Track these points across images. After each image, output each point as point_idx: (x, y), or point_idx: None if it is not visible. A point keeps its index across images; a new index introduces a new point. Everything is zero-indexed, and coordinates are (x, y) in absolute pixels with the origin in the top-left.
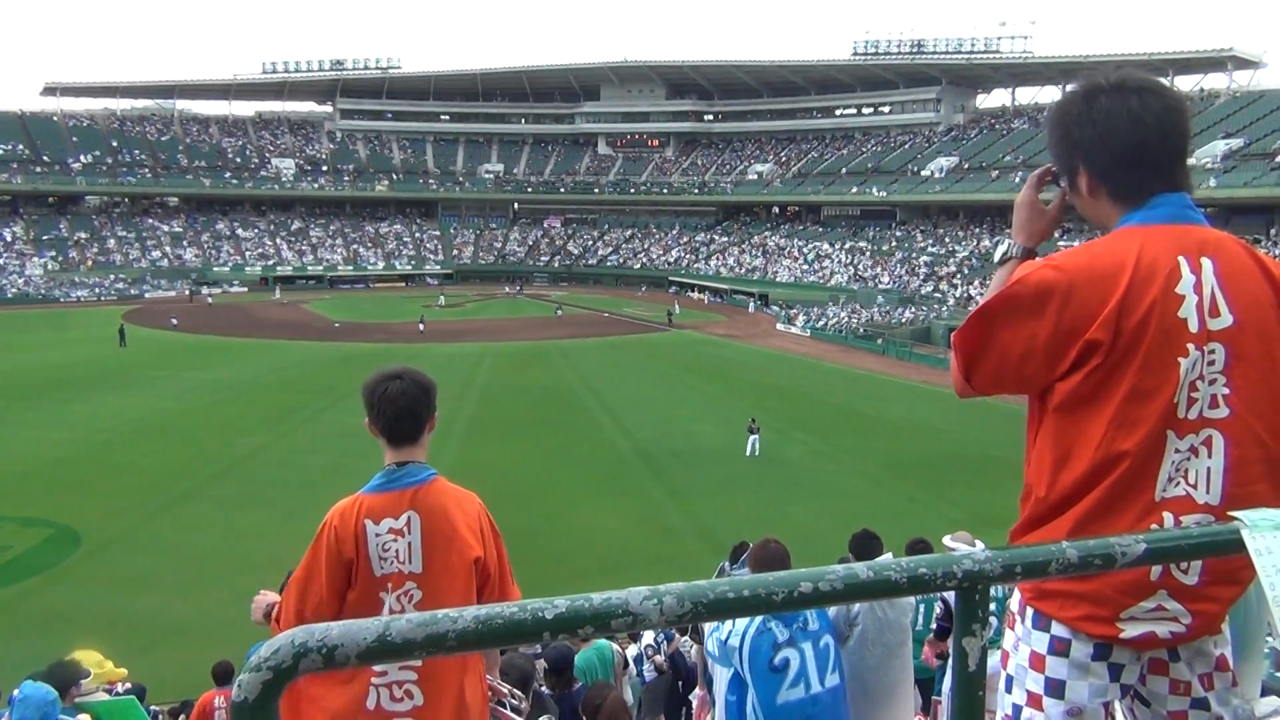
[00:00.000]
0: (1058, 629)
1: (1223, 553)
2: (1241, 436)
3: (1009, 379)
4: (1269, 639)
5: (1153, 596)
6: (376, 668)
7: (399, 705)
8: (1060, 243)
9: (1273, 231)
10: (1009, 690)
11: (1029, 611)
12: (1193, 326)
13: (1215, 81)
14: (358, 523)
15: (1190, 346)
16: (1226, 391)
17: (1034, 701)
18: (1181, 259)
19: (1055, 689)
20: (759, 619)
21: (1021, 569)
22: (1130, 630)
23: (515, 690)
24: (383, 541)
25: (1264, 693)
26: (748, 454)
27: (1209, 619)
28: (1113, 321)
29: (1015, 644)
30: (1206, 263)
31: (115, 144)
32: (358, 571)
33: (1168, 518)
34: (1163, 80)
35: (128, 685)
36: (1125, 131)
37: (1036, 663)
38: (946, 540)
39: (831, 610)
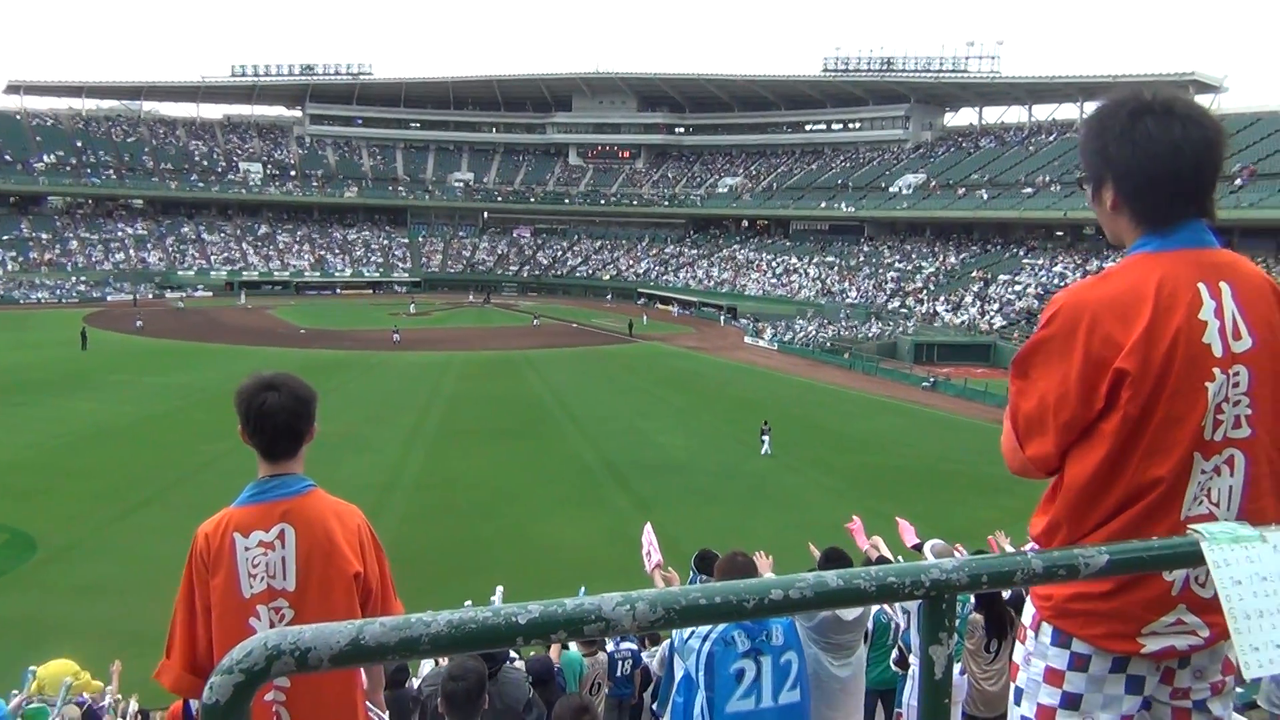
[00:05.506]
0: (1078, 645)
1: (1184, 564)
2: (1258, 455)
3: (1050, 422)
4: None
5: (1173, 611)
6: None
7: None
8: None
9: None
10: (1017, 703)
11: (1046, 628)
12: (1217, 351)
13: None
14: (224, 538)
15: (1216, 371)
16: (1249, 412)
17: (1044, 714)
18: (1201, 285)
19: (1071, 702)
20: (723, 626)
21: (988, 579)
22: (1151, 645)
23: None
24: (251, 556)
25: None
26: (763, 453)
27: (1225, 629)
28: (1140, 350)
29: (1026, 658)
30: (1225, 287)
31: (80, 144)
32: (222, 593)
33: None
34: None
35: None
36: (1164, 160)
37: (1053, 678)
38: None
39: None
